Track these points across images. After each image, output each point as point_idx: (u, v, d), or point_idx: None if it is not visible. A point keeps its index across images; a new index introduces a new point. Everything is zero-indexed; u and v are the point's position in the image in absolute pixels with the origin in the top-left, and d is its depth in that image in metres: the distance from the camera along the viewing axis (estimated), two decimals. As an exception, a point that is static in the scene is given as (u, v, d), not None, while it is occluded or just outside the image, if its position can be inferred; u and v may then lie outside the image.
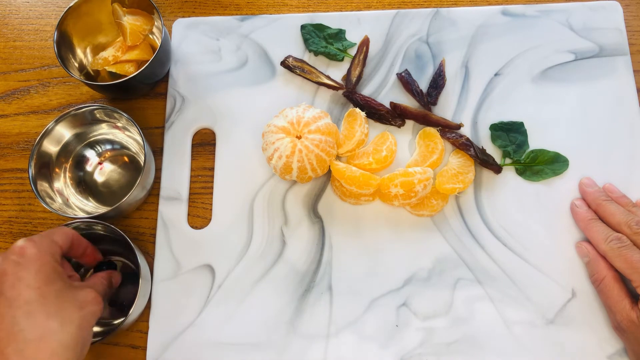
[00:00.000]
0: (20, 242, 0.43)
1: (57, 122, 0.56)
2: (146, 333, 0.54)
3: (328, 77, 0.61)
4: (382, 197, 0.56)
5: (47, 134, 0.56)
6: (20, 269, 0.42)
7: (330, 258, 0.55)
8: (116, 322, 0.55)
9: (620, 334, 0.49)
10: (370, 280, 0.54)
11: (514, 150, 0.57)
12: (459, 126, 0.58)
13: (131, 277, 0.56)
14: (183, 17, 0.66)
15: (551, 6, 0.62)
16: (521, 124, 0.58)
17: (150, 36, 0.63)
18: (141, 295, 0.51)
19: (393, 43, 0.62)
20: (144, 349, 0.54)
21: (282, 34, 0.63)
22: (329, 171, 0.56)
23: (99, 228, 0.53)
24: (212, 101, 0.61)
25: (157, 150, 0.60)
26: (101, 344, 0.55)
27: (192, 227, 0.58)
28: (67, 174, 0.59)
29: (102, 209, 0.57)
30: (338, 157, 0.58)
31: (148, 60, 0.56)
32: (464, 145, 0.56)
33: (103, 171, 0.60)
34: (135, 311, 0.50)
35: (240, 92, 0.61)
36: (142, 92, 0.63)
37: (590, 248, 0.52)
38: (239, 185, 0.58)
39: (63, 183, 0.58)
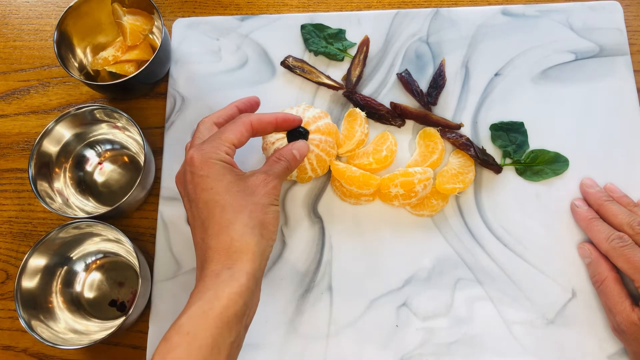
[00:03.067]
0: (189, 154, 0.46)
1: (57, 122, 0.56)
2: (146, 333, 0.54)
3: (328, 77, 0.61)
4: (382, 197, 0.56)
5: (47, 134, 0.56)
6: (195, 178, 0.45)
7: (330, 258, 0.55)
8: (116, 322, 0.55)
9: (619, 335, 0.49)
10: (370, 280, 0.54)
11: (514, 150, 0.57)
12: (459, 126, 0.58)
13: (131, 277, 0.56)
14: (183, 17, 0.66)
15: (551, 6, 0.62)
16: (521, 124, 0.58)
17: (150, 36, 0.63)
18: (141, 295, 0.51)
19: (393, 43, 0.62)
20: (144, 349, 0.54)
21: (282, 34, 0.63)
22: (329, 171, 0.56)
23: (99, 228, 0.53)
24: (212, 101, 0.61)
25: (157, 150, 0.60)
26: (101, 344, 0.55)
27: (192, 227, 0.58)
28: (67, 174, 0.59)
29: (102, 209, 0.57)
30: (338, 157, 0.58)
31: (148, 60, 0.56)
32: (464, 145, 0.56)
33: (103, 171, 0.60)
34: (135, 311, 0.50)
35: (240, 92, 0.61)
36: (142, 92, 0.63)
37: (592, 249, 0.52)
38: (239, 185, 0.58)
39: (63, 183, 0.58)
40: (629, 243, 0.49)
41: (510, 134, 0.58)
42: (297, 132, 0.52)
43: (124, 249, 0.56)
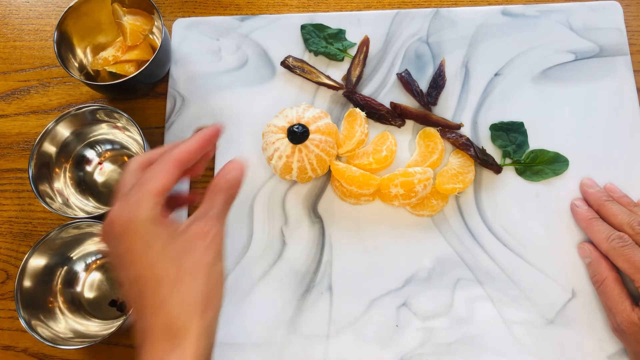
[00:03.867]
0: (111, 211, 0.38)
1: (57, 122, 0.56)
2: (146, 333, 0.54)
3: (328, 77, 0.61)
4: (382, 197, 0.56)
5: (47, 134, 0.56)
6: (117, 248, 0.37)
7: (330, 258, 0.55)
8: (116, 322, 0.54)
9: (619, 335, 0.49)
10: (370, 280, 0.54)
11: (514, 150, 0.57)
12: (459, 126, 0.58)
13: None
14: (183, 17, 0.66)
15: (551, 6, 0.62)
16: (521, 124, 0.58)
17: (150, 36, 0.63)
18: None
19: (393, 43, 0.62)
20: (144, 349, 0.54)
21: (282, 34, 0.63)
22: (329, 171, 0.56)
23: (99, 228, 0.53)
24: (212, 101, 0.61)
25: (157, 150, 0.60)
26: (101, 344, 0.55)
27: (192, 227, 0.57)
28: (67, 174, 0.59)
29: (102, 209, 0.57)
30: (338, 157, 0.58)
31: (148, 60, 0.56)
32: (464, 145, 0.56)
33: (103, 171, 0.60)
34: None
35: (240, 92, 0.61)
36: (142, 92, 0.63)
37: (593, 249, 0.52)
38: (239, 185, 0.58)
39: (63, 183, 0.58)
40: (629, 243, 0.49)
41: (510, 134, 0.58)
42: (296, 132, 0.52)
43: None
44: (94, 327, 0.54)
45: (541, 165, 0.57)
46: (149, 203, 0.37)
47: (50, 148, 0.57)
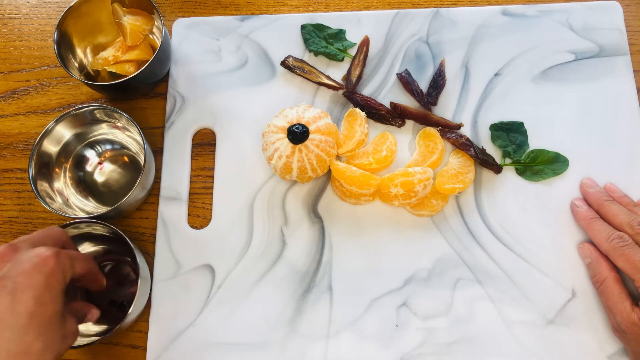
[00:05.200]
0: (45, 251, 0.42)
1: (57, 122, 0.56)
2: (146, 333, 0.54)
3: (328, 77, 0.61)
4: (382, 197, 0.56)
5: (47, 133, 0.56)
6: (36, 275, 0.40)
7: (330, 258, 0.55)
8: (116, 322, 0.55)
9: (619, 335, 0.49)
10: (370, 280, 0.54)
11: (514, 150, 0.57)
12: (459, 126, 0.58)
13: (131, 277, 0.56)
14: (183, 17, 0.66)
15: (551, 6, 0.62)
16: (521, 124, 0.58)
17: (150, 36, 0.63)
18: (140, 295, 0.51)
19: (393, 43, 0.62)
20: (144, 349, 0.54)
21: (282, 34, 0.63)
22: (329, 171, 0.56)
23: (99, 228, 0.53)
24: (212, 101, 0.61)
25: (157, 150, 0.60)
26: (101, 344, 0.55)
27: (192, 227, 0.58)
28: (67, 174, 0.59)
29: (102, 209, 0.57)
30: (338, 157, 0.58)
31: (148, 60, 0.56)
32: (464, 145, 0.56)
33: (103, 171, 0.60)
34: (134, 311, 0.50)
35: (240, 92, 0.61)
36: (142, 92, 0.63)
37: (593, 249, 0.52)
38: (239, 185, 0.58)
39: (63, 183, 0.58)
40: (629, 243, 0.49)
41: (510, 134, 0.58)
42: (296, 132, 0.52)
43: (124, 249, 0.56)
44: (94, 327, 0.54)
45: (541, 165, 0.57)
46: (71, 272, 0.44)
47: (50, 148, 0.57)
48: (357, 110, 0.58)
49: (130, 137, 0.60)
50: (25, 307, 0.39)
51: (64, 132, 0.57)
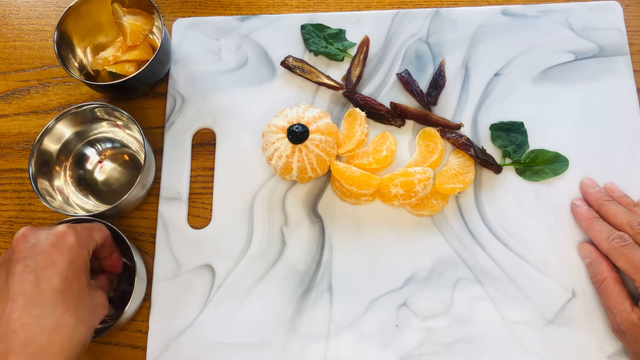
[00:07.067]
0: (62, 227, 0.44)
1: (57, 120, 0.56)
2: (146, 333, 0.54)
3: (328, 77, 0.61)
4: (382, 197, 0.56)
5: (47, 132, 0.56)
6: (56, 252, 0.42)
7: (330, 258, 0.55)
8: (110, 321, 0.55)
9: (619, 335, 0.49)
10: (370, 280, 0.54)
11: (514, 150, 0.57)
12: (459, 126, 0.58)
13: (130, 277, 0.56)
14: (183, 17, 0.66)
15: (551, 6, 0.62)
16: (521, 124, 0.58)
17: (150, 36, 0.63)
18: (136, 294, 0.51)
19: (393, 43, 0.62)
20: (144, 349, 0.54)
21: (282, 34, 0.63)
22: (329, 171, 0.56)
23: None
24: (212, 101, 0.61)
25: (157, 150, 0.60)
26: (101, 344, 0.55)
27: (192, 227, 0.58)
28: (68, 172, 0.59)
29: (102, 208, 0.57)
30: (338, 157, 0.58)
31: (148, 60, 0.56)
32: (464, 145, 0.56)
33: (103, 170, 0.60)
34: (129, 310, 0.50)
35: (240, 92, 0.61)
36: (142, 92, 0.63)
37: (593, 249, 0.52)
38: (239, 185, 0.58)
39: (63, 181, 0.58)
40: (629, 243, 0.49)
41: (510, 134, 0.58)
42: (296, 132, 0.52)
43: (122, 248, 0.56)
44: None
45: (541, 165, 0.57)
46: (92, 243, 0.47)
47: (50, 146, 0.57)
48: (357, 110, 0.58)
49: (131, 136, 0.60)
50: (49, 284, 0.41)
51: (65, 130, 0.57)
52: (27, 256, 0.42)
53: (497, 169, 0.56)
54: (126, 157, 0.61)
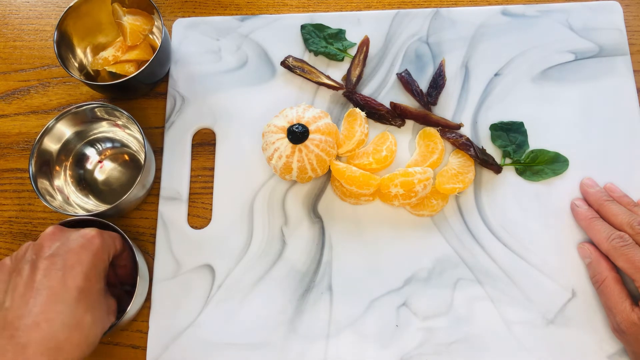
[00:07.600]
0: (91, 231, 0.46)
1: (57, 120, 0.56)
2: (146, 333, 0.54)
3: (328, 77, 0.61)
4: (382, 197, 0.56)
5: (47, 131, 0.56)
6: (84, 254, 0.44)
7: (330, 258, 0.55)
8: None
9: (619, 335, 0.49)
10: (370, 280, 0.54)
11: (514, 150, 0.57)
12: (459, 126, 0.58)
13: (130, 277, 0.56)
14: (183, 17, 0.66)
15: (551, 6, 0.62)
16: (521, 124, 0.58)
17: (150, 36, 0.63)
18: (138, 294, 0.51)
19: (393, 43, 0.62)
20: (144, 349, 0.54)
21: (282, 34, 0.63)
22: (329, 171, 0.56)
23: (99, 227, 0.53)
24: (212, 101, 0.61)
25: (157, 150, 0.60)
26: (101, 344, 0.55)
27: (192, 227, 0.58)
28: (68, 172, 0.59)
29: (102, 207, 0.57)
30: (338, 157, 0.58)
31: (148, 60, 0.56)
32: (464, 145, 0.56)
33: (103, 169, 0.60)
34: (132, 310, 0.50)
35: (240, 92, 0.62)
36: (142, 92, 0.63)
37: (593, 249, 0.52)
38: (239, 185, 0.58)
39: (63, 181, 0.58)
40: (629, 242, 0.49)
41: (510, 134, 0.58)
42: (296, 132, 0.52)
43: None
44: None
45: (541, 165, 0.57)
46: (113, 250, 0.49)
47: (50, 146, 0.57)
48: (357, 110, 0.58)
49: (131, 135, 0.60)
50: (74, 282, 0.42)
51: (65, 130, 0.57)
52: (55, 254, 0.44)
53: (497, 169, 0.56)
54: (126, 157, 0.61)
